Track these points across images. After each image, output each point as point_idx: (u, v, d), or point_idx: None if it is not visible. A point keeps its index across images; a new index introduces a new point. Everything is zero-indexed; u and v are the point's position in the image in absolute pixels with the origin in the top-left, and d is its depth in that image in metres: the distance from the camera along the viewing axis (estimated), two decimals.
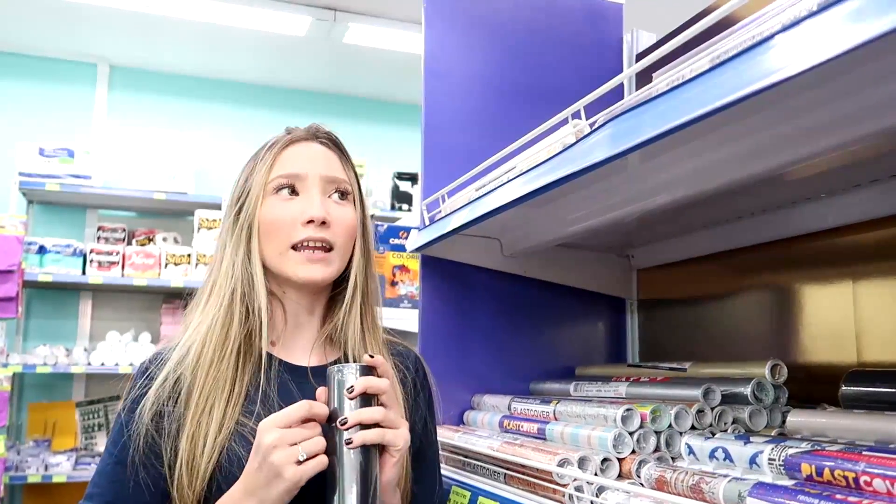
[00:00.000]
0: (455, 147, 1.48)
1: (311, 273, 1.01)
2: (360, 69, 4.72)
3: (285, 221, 1.01)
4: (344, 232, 1.03)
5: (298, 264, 1.01)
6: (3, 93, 4.37)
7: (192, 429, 0.95)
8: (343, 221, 1.03)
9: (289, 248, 1.01)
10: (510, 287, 1.50)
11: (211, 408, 0.95)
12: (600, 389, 1.24)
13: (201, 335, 1.00)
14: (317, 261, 1.01)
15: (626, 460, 0.98)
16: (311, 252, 1.00)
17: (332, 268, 1.02)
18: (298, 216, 1.01)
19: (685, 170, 0.98)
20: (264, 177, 1.04)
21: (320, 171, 1.04)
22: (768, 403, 1.06)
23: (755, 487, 0.72)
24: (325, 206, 1.02)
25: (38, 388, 4.21)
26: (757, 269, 1.32)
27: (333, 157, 1.08)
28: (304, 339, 1.07)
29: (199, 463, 0.93)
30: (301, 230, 1.00)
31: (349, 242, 1.05)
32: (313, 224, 1.00)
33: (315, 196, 1.02)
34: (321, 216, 1.00)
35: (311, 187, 1.03)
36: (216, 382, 0.97)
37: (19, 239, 3.79)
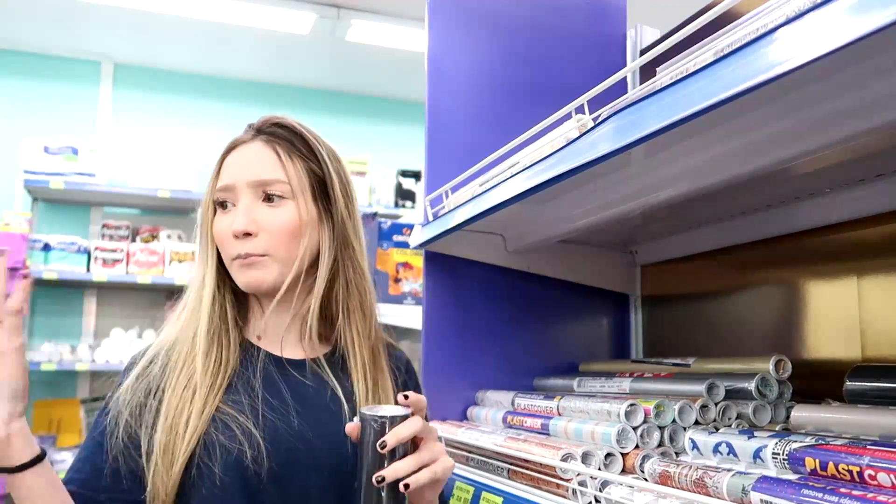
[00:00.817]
0: (458, 143, 1.48)
1: (247, 279, 1.03)
2: (364, 67, 4.71)
3: (223, 236, 1.04)
4: (274, 236, 1.03)
5: (238, 274, 1.04)
6: (7, 91, 4.38)
7: (170, 417, 0.96)
8: (272, 226, 1.03)
9: (231, 259, 1.04)
10: (514, 283, 1.50)
11: (188, 400, 0.97)
12: (604, 385, 1.24)
13: (174, 333, 1.04)
14: (250, 266, 1.02)
15: (630, 455, 0.98)
16: (242, 260, 1.02)
17: (268, 272, 1.03)
18: (229, 228, 1.03)
19: (689, 165, 0.98)
20: (211, 187, 1.08)
21: (247, 177, 1.04)
22: (772, 399, 1.06)
23: (759, 481, 0.72)
24: (249, 215, 1.02)
25: (42, 385, 4.22)
26: (761, 265, 1.32)
27: (268, 154, 1.06)
28: (290, 333, 1.08)
29: (177, 448, 0.94)
30: (234, 244, 1.03)
31: (287, 243, 1.03)
32: (238, 239, 1.02)
33: (240, 208, 1.03)
34: (241, 229, 1.01)
35: (240, 196, 1.04)
36: (189, 378, 0.99)
37: (24, 236, 3.79)
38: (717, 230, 1.35)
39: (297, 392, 1.03)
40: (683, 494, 0.77)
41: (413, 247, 1.43)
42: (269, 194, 1.04)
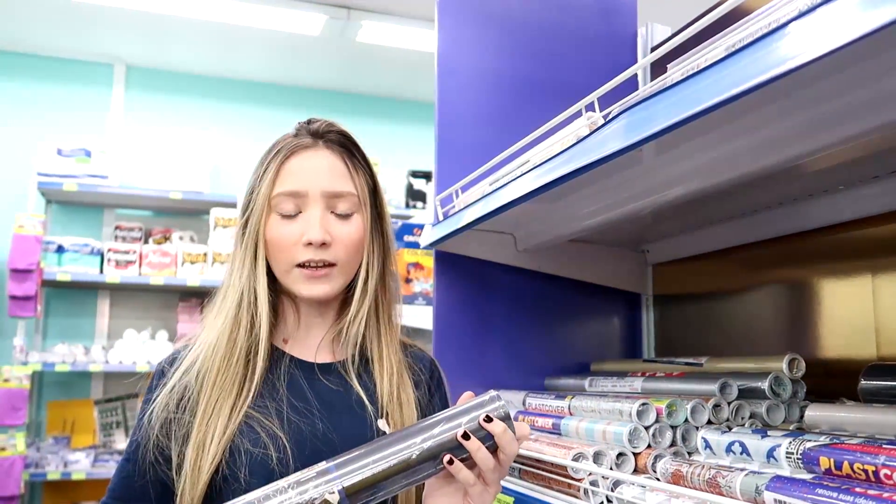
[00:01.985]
0: (468, 143, 1.48)
1: (313, 291, 1.04)
2: (374, 67, 4.72)
3: (288, 242, 1.03)
4: (346, 248, 1.04)
5: (302, 283, 1.04)
6: (20, 94, 4.41)
7: (198, 435, 0.98)
8: (344, 238, 1.04)
9: (293, 266, 1.03)
10: (524, 282, 1.50)
11: (218, 411, 0.99)
12: (615, 385, 1.24)
13: (210, 343, 1.04)
14: (319, 278, 1.03)
15: (642, 455, 0.97)
16: (313, 270, 1.03)
17: (335, 284, 1.05)
18: (299, 238, 1.02)
19: (700, 162, 0.97)
20: (268, 190, 1.05)
21: (322, 185, 1.04)
22: (786, 398, 1.05)
23: (773, 481, 0.72)
24: (324, 225, 1.03)
25: (57, 386, 4.25)
26: (774, 264, 1.31)
27: (338, 164, 1.07)
28: (314, 338, 1.10)
29: (204, 462, 0.96)
30: (302, 251, 1.02)
31: (354, 256, 1.06)
32: (313, 246, 1.02)
33: (315, 216, 1.03)
34: (320, 239, 1.01)
35: (311, 204, 1.04)
36: (222, 389, 1.00)
37: (38, 238, 3.83)
38: (728, 228, 1.34)
39: (321, 395, 1.04)
40: (696, 494, 0.76)
41: (423, 246, 1.43)
42: (339, 210, 1.05)
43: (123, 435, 4.22)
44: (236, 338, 1.02)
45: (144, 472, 1.01)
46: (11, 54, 4.41)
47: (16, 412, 3.68)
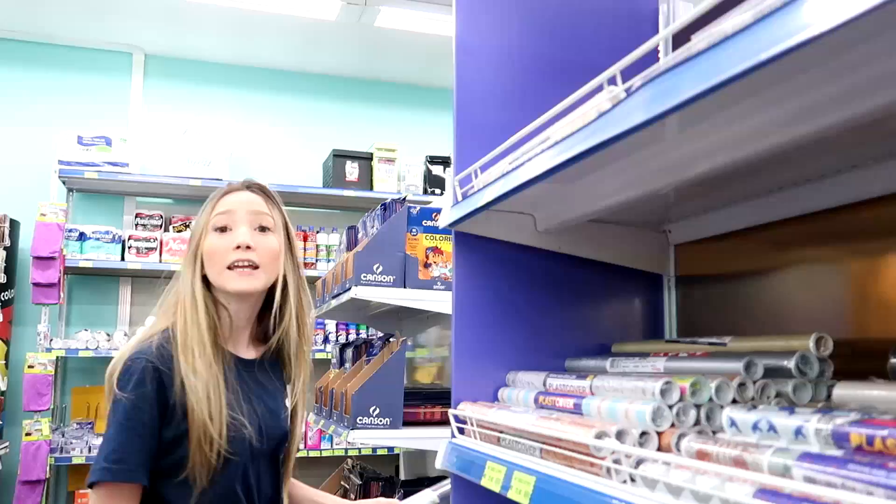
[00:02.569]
0: (487, 123, 1.46)
1: (241, 285, 1.38)
2: (392, 53, 4.70)
3: (221, 250, 1.38)
4: (266, 255, 1.41)
5: (233, 280, 1.37)
6: (41, 83, 4.45)
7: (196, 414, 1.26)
8: (265, 247, 1.41)
9: (224, 268, 1.37)
10: (544, 263, 1.48)
11: (209, 399, 1.28)
12: (637, 365, 1.22)
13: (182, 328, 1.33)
14: (246, 275, 1.38)
15: (665, 434, 0.95)
16: (241, 269, 1.38)
17: (259, 281, 1.40)
18: (230, 245, 1.38)
19: (725, 136, 0.95)
20: (207, 216, 1.42)
21: (247, 208, 1.42)
22: (813, 377, 1.03)
23: (801, 457, 0.70)
24: (249, 234, 1.39)
25: (80, 372, 4.30)
26: (800, 242, 1.28)
27: (259, 199, 1.45)
28: (243, 337, 1.47)
29: (212, 438, 1.27)
30: (232, 254, 1.37)
31: (272, 263, 1.42)
32: (240, 249, 1.37)
33: (243, 229, 1.39)
34: (246, 242, 1.38)
35: (239, 222, 1.40)
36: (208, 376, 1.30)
37: (60, 226, 3.87)
38: (753, 207, 1.31)
39: (256, 383, 1.43)
40: (722, 469, 0.75)
41: (442, 227, 1.42)
42: (262, 226, 1.42)
43: None
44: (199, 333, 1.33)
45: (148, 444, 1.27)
46: (31, 44, 4.44)
47: (41, 398, 3.73)
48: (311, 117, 4.92)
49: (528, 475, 1.03)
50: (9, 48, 4.41)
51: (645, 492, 0.84)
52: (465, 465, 1.25)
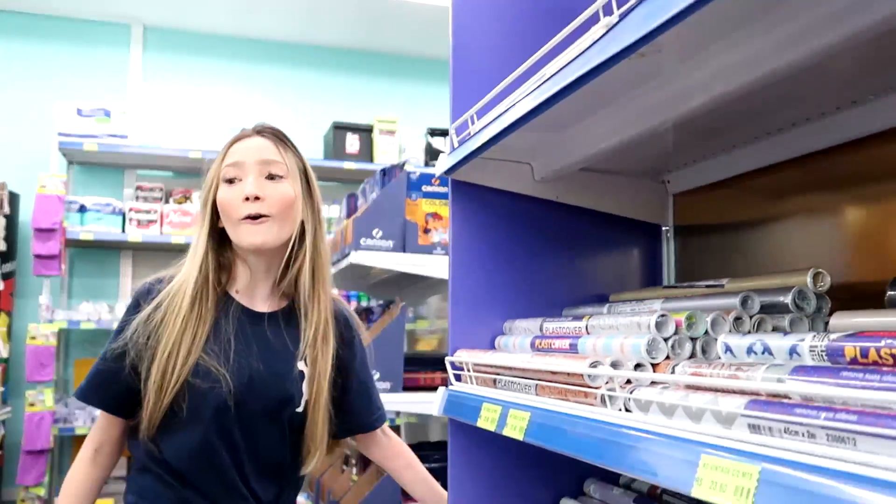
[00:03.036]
0: (484, 70, 1.44)
1: (253, 238, 1.32)
2: (391, 25, 4.67)
3: (232, 201, 1.33)
4: (278, 204, 1.34)
5: (244, 233, 1.33)
6: (40, 55, 4.43)
7: (162, 362, 1.26)
8: (276, 195, 1.34)
9: (238, 221, 1.33)
10: (542, 213, 1.47)
11: (179, 344, 1.27)
12: (634, 308, 1.21)
13: (179, 281, 1.34)
14: (257, 227, 1.32)
15: (661, 366, 0.95)
16: (252, 220, 1.32)
17: (270, 233, 1.33)
18: (239, 195, 1.32)
19: (722, 64, 0.93)
20: (217, 168, 1.37)
21: (255, 157, 1.35)
22: (810, 312, 1.02)
23: (795, 370, 0.69)
24: (258, 185, 1.33)
25: (83, 344, 4.31)
26: (800, 186, 1.27)
27: (269, 145, 1.38)
28: (261, 290, 1.41)
29: (166, 389, 1.26)
30: (242, 206, 1.32)
31: (286, 212, 1.35)
32: (249, 201, 1.32)
33: (250, 179, 1.33)
34: (254, 193, 1.32)
35: (248, 172, 1.34)
36: (183, 324, 1.28)
37: (60, 198, 3.86)
38: (752, 151, 1.30)
39: (259, 338, 1.36)
40: (716, 382, 0.74)
41: (439, 174, 1.40)
42: (271, 173, 1.35)
43: None
44: (195, 281, 1.32)
45: (118, 377, 1.30)
46: (30, 16, 4.41)
47: (43, 368, 3.74)
48: (311, 89, 4.89)
49: (523, 411, 1.03)
50: (7, 20, 4.39)
51: (639, 416, 0.83)
52: (461, 409, 1.25)
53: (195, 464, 1.30)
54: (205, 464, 1.30)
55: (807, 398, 0.64)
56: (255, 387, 1.31)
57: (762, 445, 0.64)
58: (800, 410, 0.62)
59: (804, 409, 0.61)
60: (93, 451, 1.35)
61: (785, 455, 0.61)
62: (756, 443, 0.65)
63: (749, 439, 0.66)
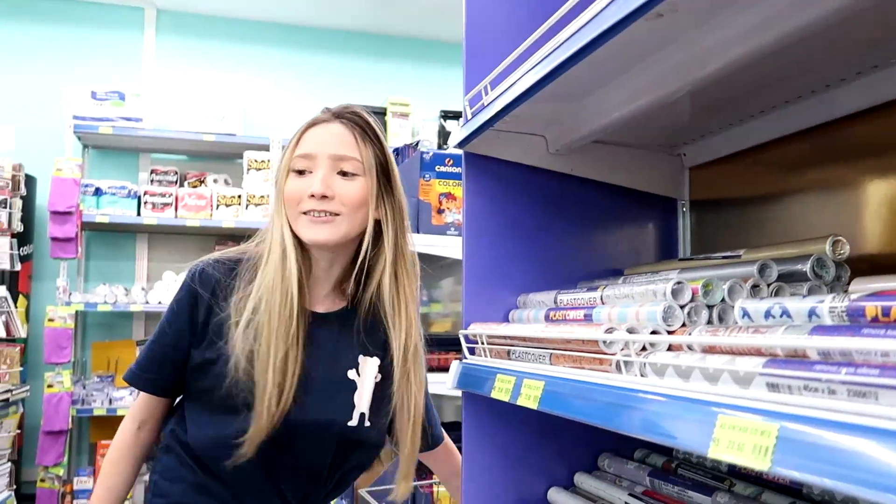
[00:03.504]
0: (499, 41, 1.42)
1: (315, 235, 1.23)
2: (404, 7, 4.64)
3: (296, 194, 1.24)
4: (347, 203, 1.24)
5: (306, 228, 1.24)
6: (54, 38, 4.44)
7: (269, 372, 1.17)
8: (346, 194, 1.24)
9: (299, 214, 1.24)
10: (557, 186, 1.46)
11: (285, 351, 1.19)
12: (650, 280, 1.20)
13: (270, 278, 1.22)
14: (320, 224, 1.23)
15: (677, 333, 0.94)
16: (314, 216, 1.23)
17: (335, 232, 1.24)
18: (305, 191, 1.23)
19: (740, 27, 0.92)
20: (288, 157, 1.28)
21: (328, 150, 1.25)
22: (829, 280, 1.00)
23: (814, 330, 0.68)
24: (327, 181, 1.23)
25: (99, 326, 4.35)
26: (818, 157, 1.24)
27: (347, 135, 1.27)
28: (319, 288, 1.32)
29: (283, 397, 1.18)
30: (306, 202, 1.23)
31: (356, 211, 1.25)
32: (315, 198, 1.22)
33: (319, 174, 1.23)
34: (320, 192, 1.22)
35: (319, 165, 1.25)
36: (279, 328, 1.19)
37: (76, 181, 3.88)
38: (768, 121, 1.28)
39: (314, 341, 1.26)
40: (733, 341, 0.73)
41: (452, 146, 1.39)
42: (343, 170, 1.25)
43: None
44: (286, 280, 1.21)
45: (175, 363, 1.27)
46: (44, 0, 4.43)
47: (61, 350, 3.78)
48: (324, 72, 4.88)
49: (537, 381, 1.02)
50: (22, 4, 4.40)
51: (654, 380, 0.82)
52: (475, 380, 1.25)
53: (219, 454, 1.21)
54: (228, 455, 1.19)
55: (825, 354, 0.63)
56: (301, 391, 1.21)
57: (781, 403, 0.63)
58: (820, 367, 0.60)
59: (824, 365, 0.60)
60: (136, 428, 1.32)
61: (805, 412, 0.60)
62: (775, 401, 0.64)
63: (767, 398, 0.65)
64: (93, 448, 4.15)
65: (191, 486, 1.26)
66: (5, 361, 3.56)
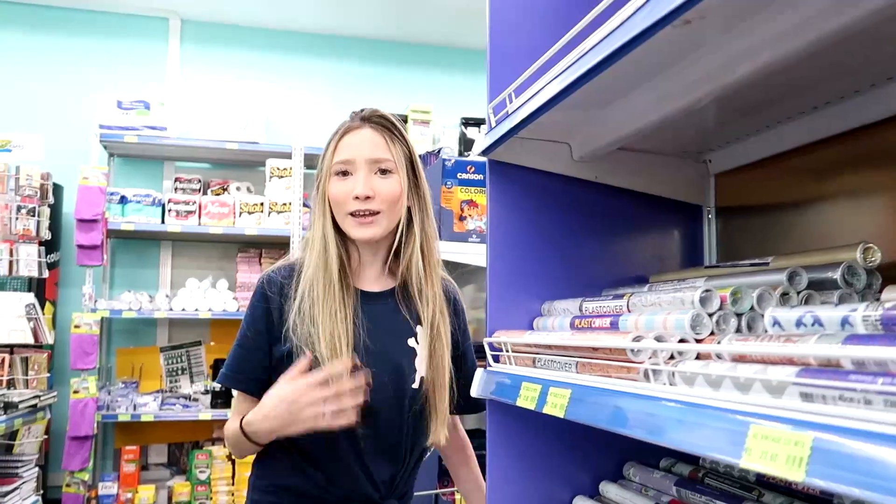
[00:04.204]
0: (523, 49, 1.42)
1: (362, 234, 1.39)
2: (425, 14, 4.66)
3: (342, 197, 1.39)
4: (386, 200, 1.39)
5: (353, 228, 1.40)
6: (81, 49, 4.51)
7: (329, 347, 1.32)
8: (385, 192, 1.39)
9: (347, 215, 1.39)
10: (581, 194, 1.45)
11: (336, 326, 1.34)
12: (677, 287, 1.19)
13: (313, 269, 1.39)
14: (366, 224, 1.39)
15: (705, 342, 0.93)
16: (361, 218, 1.38)
17: (379, 228, 1.40)
18: (350, 193, 1.38)
19: (769, 32, 0.91)
20: (329, 161, 1.42)
21: (365, 154, 1.40)
22: (860, 288, 0.99)
23: (848, 339, 0.67)
24: (368, 183, 1.38)
25: (124, 333, 4.40)
26: (848, 163, 1.23)
27: (379, 139, 1.41)
28: (369, 272, 1.48)
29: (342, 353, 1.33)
30: (352, 203, 1.38)
31: (394, 207, 1.41)
32: (359, 199, 1.37)
33: (360, 177, 1.38)
34: (364, 193, 1.37)
35: (358, 169, 1.39)
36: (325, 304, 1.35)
37: (102, 189, 3.93)
38: (797, 127, 1.26)
39: (372, 317, 1.41)
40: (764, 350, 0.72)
41: (476, 154, 1.40)
42: (381, 169, 1.40)
43: (188, 380, 4.36)
44: (327, 270, 1.38)
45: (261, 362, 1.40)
46: (72, 11, 4.50)
47: (87, 356, 3.82)
48: (345, 80, 4.91)
49: (564, 389, 1.02)
50: (51, 15, 4.48)
51: (684, 389, 0.82)
52: (500, 388, 1.24)
53: (310, 439, 1.32)
54: (320, 441, 1.32)
55: (860, 363, 0.62)
56: (370, 364, 1.35)
57: (815, 413, 0.62)
58: (855, 377, 0.60)
59: (860, 375, 0.59)
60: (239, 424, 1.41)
61: (840, 422, 0.59)
62: (809, 411, 0.63)
63: (801, 408, 0.64)
64: (117, 454, 4.19)
65: (287, 468, 1.39)
66: (33, 367, 3.61)
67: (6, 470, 3.29)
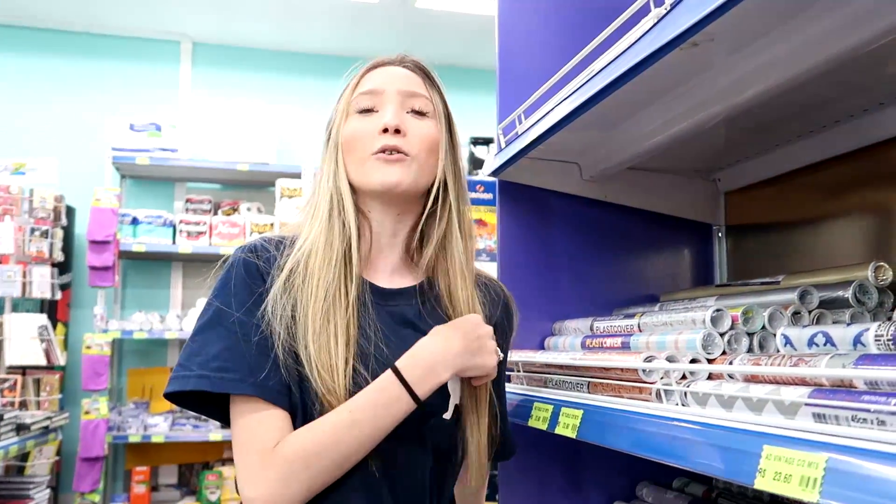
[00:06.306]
0: (532, 70, 1.44)
1: (387, 176, 1.00)
2: (434, 35, 4.70)
3: (363, 134, 1.03)
4: (420, 142, 1.03)
5: (377, 169, 1.01)
6: (94, 72, 4.57)
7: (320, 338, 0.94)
8: (419, 133, 1.03)
9: (368, 155, 1.02)
10: (591, 213, 1.46)
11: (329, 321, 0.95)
12: (687, 307, 1.19)
13: (309, 247, 1.00)
14: (393, 163, 1.01)
15: (717, 362, 0.93)
16: (388, 154, 1.01)
17: (410, 172, 1.01)
18: (375, 129, 1.02)
19: (777, 53, 0.92)
20: (348, 96, 1.08)
21: (398, 86, 1.06)
22: (872, 307, 0.99)
23: (860, 359, 0.67)
24: (400, 116, 1.03)
25: (135, 354, 4.41)
26: (857, 181, 1.23)
27: (415, 77, 1.09)
28: (384, 261, 1.07)
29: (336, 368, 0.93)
30: (378, 139, 1.01)
31: (428, 156, 1.04)
32: (388, 133, 1.01)
33: (390, 108, 1.03)
34: (395, 124, 1.01)
35: (387, 102, 1.05)
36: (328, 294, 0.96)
37: (114, 211, 3.96)
38: (806, 146, 1.27)
39: (386, 322, 1.01)
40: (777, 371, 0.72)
41: (486, 174, 1.40)
42: (415, 109, 1.06)
43: None
44: (332, 242, 1.00)
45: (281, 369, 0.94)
46: (85, 35, 4.56)
47: (98, 377, 3.83)
48: None
49: (576, 409, 1.01)
50: (64, 39, 4.54)
51: (696, 409, 0.82)
52: (512, 409, 1.24)
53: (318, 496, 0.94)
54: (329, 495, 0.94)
55: (873, 384, 0.62)
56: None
57: (829, 434, 0.62)
58: (868, 397, 0.60)
59: (872, 395, 0.59)
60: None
61: (854, 443, 0.59)
62: (822, 432, 0.63)
63: (814, 429, 0.64)
64: (128, 475, 4.19)
65: None
66: (45, 389, 3.62)
67: (18, 492, 3.29)
